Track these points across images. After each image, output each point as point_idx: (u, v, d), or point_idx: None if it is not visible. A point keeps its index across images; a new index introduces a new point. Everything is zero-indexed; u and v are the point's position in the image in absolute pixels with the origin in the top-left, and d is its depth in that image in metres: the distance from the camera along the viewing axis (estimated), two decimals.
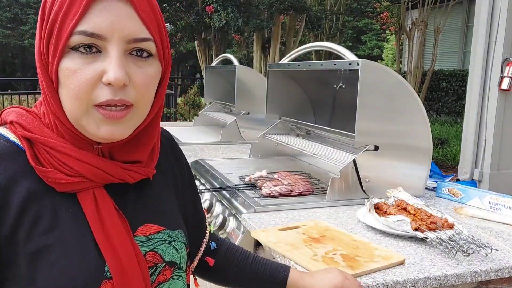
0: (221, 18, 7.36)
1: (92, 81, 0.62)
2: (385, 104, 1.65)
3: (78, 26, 0.61)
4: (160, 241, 0.72)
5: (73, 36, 0.61)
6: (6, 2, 19.97)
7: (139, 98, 0.65)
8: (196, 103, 8.50)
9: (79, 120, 0.64)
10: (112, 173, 0.67)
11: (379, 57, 15.28)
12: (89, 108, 0.63)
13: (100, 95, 0.62)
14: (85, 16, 0.61)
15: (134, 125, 0.67)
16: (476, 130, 4.45)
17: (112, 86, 0.62)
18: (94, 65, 0.62)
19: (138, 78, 0.64)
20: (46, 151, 0.65)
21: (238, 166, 2.17)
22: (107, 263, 0.63)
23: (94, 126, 0.64)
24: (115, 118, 0.63)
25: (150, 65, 0.66)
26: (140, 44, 0.64)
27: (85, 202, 0.65)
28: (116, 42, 0.62)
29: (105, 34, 0.61)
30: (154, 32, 0.65)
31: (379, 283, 1.04)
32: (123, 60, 0.63)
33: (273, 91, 2.32)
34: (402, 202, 1.43)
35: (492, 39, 4.29)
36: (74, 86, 0.62)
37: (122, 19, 0.62)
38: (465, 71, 8.62)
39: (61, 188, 0.64)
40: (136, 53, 0.65)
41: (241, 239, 1.48)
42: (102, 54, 0.62)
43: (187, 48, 16.72)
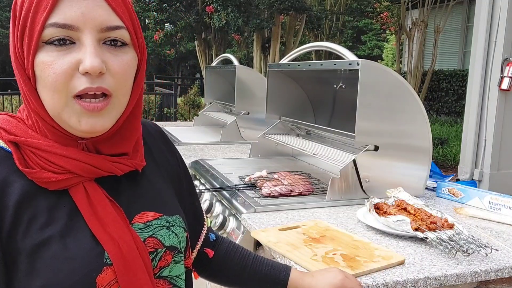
0: (221, 18, 7.36)
1: (69, 71, 0.62)
2: (385, 104, 1.65)
3: (49, 18, 0.61)
4: (159, 227, 0.73)
5: (45, 29, 0.61)
6: (6, 2, 19.96)
7: (117, 86, 0.65)
8: (196, 103, 8.50)
9: (60, 114, 0.64)
10: (100, 166, 0.67)
11: (379, 57, 15.29)
12: (68, 100, 0.63)
13: (78, 85, 0.62)
14: (56, 9, 0.61)
15: (115, 116, 0.67)
16: (476, 130, 4.45)
17: (89, 75, 0.62)
18: (70, 56, 0.62)
19: (114, 66, 0.65)
20: (32, 152, 0.65)
21: (238, 166, 2.17)
22: (106, 250, 0.64)
23: (75, 120, 0.64)
24: (95, 110, 0.63)
25: (126, 54, 0.67)
26: (113, 32, 0.65)
27: (77, 196, 0.66)
28: (89, 32, 0.62)
29: (77, 24, 0.62)
30: (126, 20, 0.66)
31: (379, 283, 1.04)
32: (97, 49, 0.63)
33: (273, 91, 2.32)
34: (402, 202, 1.43)
35: (492, 39, 4.29)
36: (51, 78, 0.62)
37: (93, 8, 0.63)
38: (465, 71, 8.62)
39: (52, 186, 0.65)
40: (110, 43, 0.65)
41: (241, 239, 1.48)
42: (77, 45, 0.63)
43: (187, 48, 16.72)
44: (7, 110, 8.10)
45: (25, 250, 0.62)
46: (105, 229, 0.65)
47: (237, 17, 7.24)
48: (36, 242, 0.62)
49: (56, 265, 0.62)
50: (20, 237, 0.62)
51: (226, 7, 7.34)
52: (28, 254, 0.62)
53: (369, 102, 1.62)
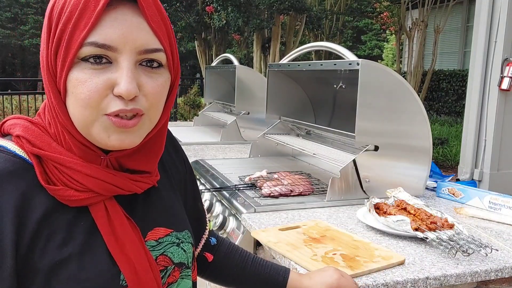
0: (221, 18, 7.36)
1: (103, 91, 0.61)
2: (385, 104, 1.65)
3: (89, 37, 0.60)
4: (169, 244, 0.73)
5: (83, 47, 0.60)
6: (6, 2, 19.97)
7: (150, 107, 0.65)
8: (196, 103, 8.50)
9: (89, 129, 0.63)
10: (121, 186, 0.66)
11: (379, 57, 15.29)
12: (99, 116, 0.62)
13: (111, 106, 0.62)
14: (96, 27, 0.60)
15: (144, 133, 0.67)
16: (476, 130, 4.45)
17: (123, 98, 0.61)
18: (105, 75, 0.61)
19: (149, 88, 0.64)
20: (55, 167, 0.64)
21: (238, 166, 2.17)
22: (122, 272, 0.64)
23: (105, 135, 0.63)
24: (126, 127, 0.63)
25: (161, 75, 0.66)
26: (151, 55, 0.64)
27: (97, 215, 0.65)
28: (127, 54, 0.61)
29: (116, 45, 0.61)
30: (164, 42, 0.65)
31: (379, 283, 1.04)
32: (134, 71, 0.62)
33: (273, 91, 2.32)
34: (402, 202, 1.43)
35: (492, 39, 4.29)
36: (84, 95, 0.61)
37: (134, 30, 0.61)
38: (465, 71, 8.62)
39: (72, 204, 0.64)
40: (147, 64, 0.64)
41: (241, 239, 1.48)
42: (113, 65, 0.62)
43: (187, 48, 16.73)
44: (7, 110, 8.09)
45: (42, 269, 0.61)
46: (122, 249, 0.65)
47: (237, 17, 7.24)
48: (53, 261, 0.61)
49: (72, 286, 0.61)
50: (38, 255, 0.61)
51: (226, 7, 7.34)
52: (45, 273, 0.61)
53: (369, 102, 1.62)
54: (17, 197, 0.61)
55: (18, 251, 0.60)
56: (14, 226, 0.59)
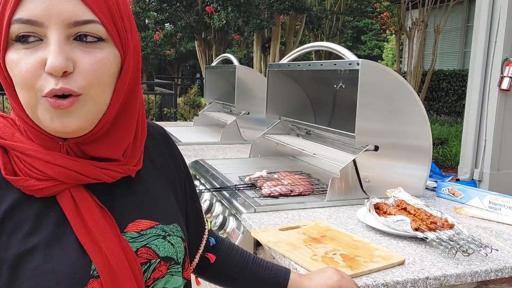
0: (221, 18, 7.37)
1: (34, 71, 0.58)
2: (385, 104, 1.65)
3: (14, 14, 0.58)
4: (154, 236, 0.69)
5: (11, 25, 0.58)
6: None
7: (88, 85, 0.60)
8: (196, 103, 8.49)
9: (35, 113, 0.60)
10: (86, 173, 0.63)
11: (379, 57, 15.29)
12: (38, 98, 0.59)
13: (45, 85, 0.58)
14: (20, 4, 0.58)
15: (89, 116, 0.62)
16: (476, 130, 4.45)
17: (53, 75, 0.58)
18: (36, 54, 0.58)
19: (85, 64, 0.59)
20: (17, 156, 0.62)
21: (238, 166, 2.17)
22: (93, 262, 0.61)
23: (48, 118, 0.60)
24: (60, 107, 0.59)
25: (100, 50, 0.61)
26: (83, 27, 0.59)
27: (64, 203, 0.63)
28: (54, 27, 0.58)
29: (41, 19, 0.57)
30: (100, 13, 0.60)
31: (379, 283, 1.04)
32: (64, 46, 0.58)
33: (273, 91, 2.32)
34: (402, 202, 1.43)
35: (492, 39, 4.29)
36: (18, 77, 0.59)
37: (59, 2, 0.58)
38: (465, 71, 8.62)
39: (37, 194, 0.62)
40: (80, 39, 0.60)
41: (241, 239, 1.48)
42: (44, 42, 0.59)
43: (187, 48, 16.72)
44: (7, 110, 8.09)
45: (7, 260, 0.59)
46: (93, 238, 0.62)
47: (237, 17, 7.24)
48: (18, 252, 0.59)
49: (39, 277, 0.59)
50: (2, 246, 0.59)
51: (226, 7, 7.34)
52: (10, 264, 0.59)
53: (369, 102, 1.62)
54: None
55: None
56: None
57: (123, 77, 0.65)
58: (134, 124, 0.70)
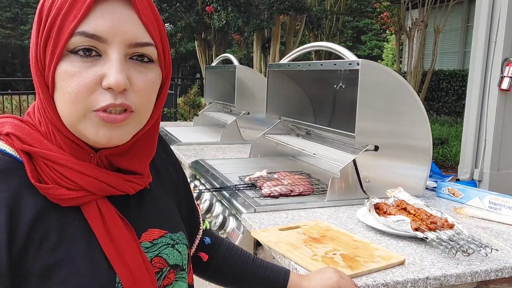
0: (221, 18, 7.37)
1: (91, 85, 0.60)
2: (385, 104, 1.65)
3: (78, 27, 0.59)
4: (164, 245, 0.71)
5: (72, 37, 0.59)
6: (6, 2, 19.96)
7: (140, 103, 0.63)
8: (196, 103, 8.49)
9: (76, 126, 0.62)
10: (114, 185, 0.65)
11: (379, 57, 15.29)
12: (87, 112, 0.61)
13: (99, 100, 0.60)
14: (86, 18, 0.59)
15: (134, 130, 0.65)
16: (476, 130, 4.45)
17: (112, 91, 0.60)
18: (94, 69, 0.60)
19: (139, 83, 0.63)
20: (46, 164, 0.62)
21: (238, 166, 2.17)
22: (117, 275, 0.62)
23: (93, 130, 0.61)
24: (114, 122, 0.61)
25: (151, 71, 0.65)
26: (141, 49, 0.63)
27: (90, 215, 0.63)
28: (117, 46, 0.60)
29: (106, 36, 0.59)
30: (155, 37, 0.64)
31: (379, 283, 1.04)
32: (123, 64, 0.61)
33: (273, 91, 2.32)
34: (402, 202, 1.43)
35: (492, 39, 4.29)
36: (72, 89, 0.59)
37: (124, 22, 0.61)
38: (465, 71, 8.62)
39: (64, 203, 0.62)
40: (137, 58, 0.63)
41: (241, 239, 1.48)
42: (102, 58, 0.60)
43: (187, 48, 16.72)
44: (7, 110, 8.09)
45: (37, 272, 0.59)
46: (118, 251, 0.63)
47: (237, 17, 7.24)
48: (47, 263, 0.59)
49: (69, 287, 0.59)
50: (31, 257, 0.59)
51: (226, 7, 7.34)
52: (39, 276, 0.59)
53: (369, 102, 1.62)
54: (8, 196, 0.59)
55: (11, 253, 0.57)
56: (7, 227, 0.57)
57: (163, 96, 0.69)
58: (156, 139, 0.73)
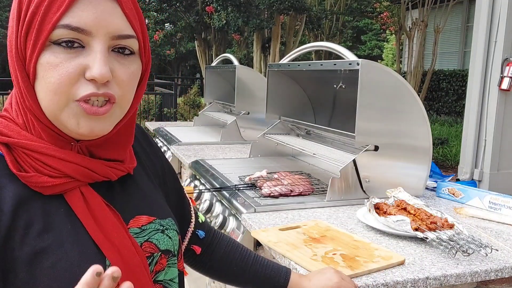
0: (221, 18, 7.37)
1: (74, 76, 0.60)
2: (385, 104, 1.65)
3: (62, 19, 0.59)
4: (154, 230, 0.72)
5: (56, 29, 0.59)
6: (6, 2, 19.96)
7: (122, 95, 0.64)
8: (196, 103, 8.49)
9: (58, 116, 0.62)
10: (97, 171, 0.66)
11: (379, 57, 15.29)
12: (69, 102, 0.61)
13: (81, 90, 0.61)
14: (70, 10, 0.59)
15: (115, 121, 0.66)
16: (476, 130, 4.45)
17: (95, 82, 0.61)
18: (77, 60, 0.61)
19: (121, 75, 0.64)
20: (26, 154, 0.63)
21: (238, 166, 2.17)
22: (107, 258, 0.62)
23: (74, 122, 0.62)
24: (96, 114, 0.62)
25: (132, 63, 0.66)
26: (124, 41, 0.64)
27: (73, 202, 0.64)
28: (101, 38, 0.61)
29: (90, 29, 0.60)
30: (137, 30, 0.65)
31: (379, 283, 1.04)
32: (106, 56, 0.62)
33: (273, 91, 2.32)
34: (402, 202, 1.43)
35: (492, 39, 4.29)
36: (54, 79, 0.60)
37: (108, 14, 0.61)
38: (465, 71, 8.62)
39: (47, 191, 0.62)
40: (118, 50, 0.64)
41: (241, 239, 1.48)
42: (85, 50, 0.61)
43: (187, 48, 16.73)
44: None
45: (24, 258, 0.59)
46: (106, 235, 0.63)
47: (237, 17, 7.24)
48: (34, 250, 0.59)
49: (56, 274, 0.59)
50: (17, 244, 0.59)
51: (226, 7, 7.34)
52: (26, 262, 0.59)
53: (369, 102, 1.62)
54: None
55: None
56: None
57: (142, 87, 0.70)
58: (134, 128, 0.74)
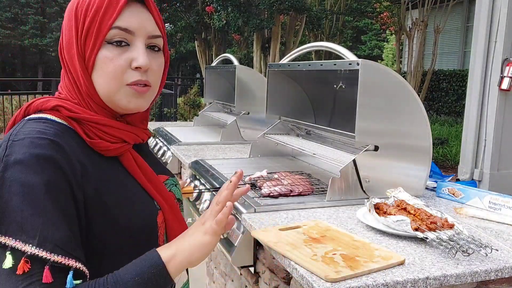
0: (221, 18, 7.37)
1: (125, 66, 0.83)
2: (385, 104, 1.65)
3: (115, 23, 0.82)
4: (171, 184, 0.99)
5: (111, 30, 0.82)
6: (6, 2, 19.96)
7: (154, 81, 0.88)
8: (196, 103, 8.49)
9: (113, 96, 0.85)
10: (139, 134, 0.91)
11: (379, 57, 15.28)
12: (121, 86, 0.84)
13: (130, 77, 0.84)
14: (120, 16, 0.82)
15: (150, 100, 0.90)
16: (476, 130, 4.45)
17: (139, 70, 0.84)
18: (125, 55, 0.83)
19: (154, 66, 0.87)
20: (91, 126, 0.84)
21: (238, 166, 2.17)
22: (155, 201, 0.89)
23: (125, 100, 0.85)
24: (142, 92, 0.86)
25: (160, 57, 0.89)
26: (156, 40, 0.87)
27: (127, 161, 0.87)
28: (141, 37, 0.85)
29: (134, 30, 0.84)
30: (162, 32, 0.89)
31: (379, 283, 1.04)
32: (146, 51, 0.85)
33: (273, 91, 2.32)
34: (402, 202, 1.43)
35: (492, 39, 4.29)
36: (111, 69, 0.82)
37: (146, 20, 0.86)
38: (465, 71, 8.62)
39: (109, 153, 0.84)
40: (151, 47, 0.87)
41: (241, 239, 1.48)
42: (130, 47, 0.84)
43: (187, 48, 16.72)
44: (7, 110, 8.09)
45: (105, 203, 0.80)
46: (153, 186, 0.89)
47: (237, 17, 7.24)
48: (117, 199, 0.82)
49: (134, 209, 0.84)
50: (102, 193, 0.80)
51: (226, 7, 7.34)
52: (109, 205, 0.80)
53: (369, 102, 1.62)
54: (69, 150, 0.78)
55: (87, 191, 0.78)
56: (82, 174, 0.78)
57: (165, 75, 0.94)
58: None
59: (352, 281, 1.03)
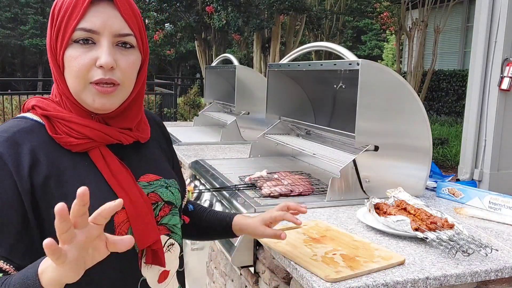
0: (221, 18, 7.37)
1: (89, 65, 0.83)
2: (385, 104, 1.65)
3: (79, 24, 0.83)
4: (159, 186, 0.95)
5: (75, 31, 0.83)
6: (6, 2, 19.95)
7: (124, 78, 0.86)
8: (196, 103, 8.49)
9: (80, 95, 0.85)
10: (110, 134, 0.88)
11: (379, 57, 15.28)
12: (86, 84, 0.84)
13: (94, 75, 0.84)
14: (84, 17, 0.83)
15: (121, 99, 0.88)
16: (476, 130, 4.44)
17: (103, 68, 0.83)
18: (90, 53, 0.83)
19: (122, 63, 0.86)
20: (59, 122, 0.86)
21: (238, 166, 2.17)
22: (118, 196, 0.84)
23: (91, 99, 0.85)
24: (105, 93, 0.85)
25: (132, 54, 0.88)
26: (124, 38, 0.86)
27: (95, 157, 0.87)
28: (106, 36, 0.84)
29: (98, 30, 0.83)
30: (134, 29, 0.87)
31: (379, 283, 1.04)
32: (111, 50, 0.84)
33: (273, 91, 2.32)
34: (402, 202, 1.43)
35: (492, 39, 4.28)
36: (75, 68, 0.83)
37: (111, 19, 0.84)
38: (465, 71, 8.62)
39: (74, 149, 0.85)
40: (121, 45, 0.86)
41: (241, 239, 1.48)
42: (96, 45, 0.84)
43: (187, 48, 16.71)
44: (7, 110, 8.09)
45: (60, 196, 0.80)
46: (119, 183, 0.86)
47: (237, 17, 7.24)
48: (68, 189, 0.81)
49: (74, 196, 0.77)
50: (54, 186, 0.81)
51: (226, 7, 7.34)
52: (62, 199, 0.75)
53: (369, 102, 1.62)
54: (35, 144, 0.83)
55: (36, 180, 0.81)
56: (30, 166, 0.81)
57: (142, 73, 0.92)
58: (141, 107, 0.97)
59: (352, 281, 1.03)
